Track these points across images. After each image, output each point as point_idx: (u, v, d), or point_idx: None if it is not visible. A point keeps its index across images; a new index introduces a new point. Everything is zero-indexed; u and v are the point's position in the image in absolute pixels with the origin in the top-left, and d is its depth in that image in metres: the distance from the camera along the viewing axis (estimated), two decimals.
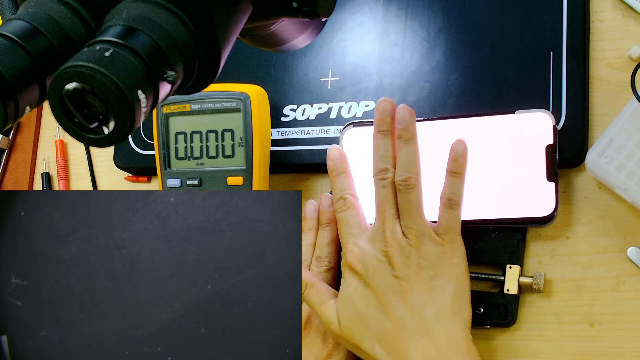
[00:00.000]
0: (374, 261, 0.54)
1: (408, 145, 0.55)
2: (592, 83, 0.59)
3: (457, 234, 0.54)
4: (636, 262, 0.56)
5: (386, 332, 0.52)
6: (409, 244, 0.53)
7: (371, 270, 0.54)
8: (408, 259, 0.53)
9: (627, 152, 0.54)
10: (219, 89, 0.63)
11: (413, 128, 0.55)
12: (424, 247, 0.53)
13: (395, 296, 0.53)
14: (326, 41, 0.66)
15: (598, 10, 0.60)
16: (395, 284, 0.53)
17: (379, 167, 0.55)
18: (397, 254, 0.53)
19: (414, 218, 0.54)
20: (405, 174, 0.54)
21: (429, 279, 0.53)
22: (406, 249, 0.53)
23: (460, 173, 0.54)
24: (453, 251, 0.54)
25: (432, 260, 0.53)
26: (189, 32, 0.37)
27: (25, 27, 0.37)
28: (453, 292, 0.53)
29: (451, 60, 0.62)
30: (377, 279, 0.53)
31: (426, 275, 0.53)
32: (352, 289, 0.54)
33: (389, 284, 0.53)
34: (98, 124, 0.33)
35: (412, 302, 0.52)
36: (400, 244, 0.54)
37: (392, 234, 0.54)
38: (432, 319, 0.52)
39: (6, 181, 0.76)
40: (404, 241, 0.54)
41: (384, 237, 0.54)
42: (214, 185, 0.63)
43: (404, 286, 0.53)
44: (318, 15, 0.43)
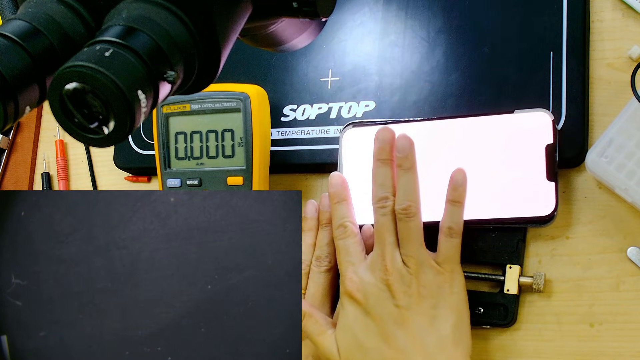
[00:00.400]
0: (374, 290, 0.54)
1: (408, 173, 0.55)
2: (592, 83, 0.59)
3: (457, 263, 0.54)
4: (636, 262, 0.56)
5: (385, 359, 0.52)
6: (409, 272, 0.53)
7: (371, 299, 0.54)
8: (409, 288, 0.53)
9: (627, 152, 0.54)
10: (219, 89, 0.63)
11: (413, 157, 0.55)
12: (425, 275, 0.53)
13: (396, 325, 0.53)
14: (326, 41, 0.66)
15: (598, 10, 0.60)
16: (396, 312, 0.53)
17: (379, 195, 0.55)
18: (398, 283, 0.53)
19: (414, 246, 0.54)
20: (406, 202, 0.54)
21: (430, 308, 0.53)
22: (407, 278, 0.53)
23: (460, 202, 0.54)
24: (453, 280, 0.54)
25: (432, 289, 0.53)
26: (189, 32, 0.37)
27: (25, 27, 0.37)
28: (454, 322, 0.53)
29: (451, 60, 0.62)
30: (378, 308, 0.53)
31: (427, 304, 0.53)
32: (352, 318, 0.54)
33: (389, 313, 0.53)
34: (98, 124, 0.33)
35: (413, 332, 0.52)
36: (400, 272, 0.53)
37: (392, 262, 0.54)
38: (434, 349, 0.52)
39: (6, 181, 0.76)
40: (404, 270, 0.53)
41: (384, 265, 0.54)
42: (214, 185, 0.63)
43: (405, 315, 0.53)
44: (318, 15, 0.43)
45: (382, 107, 0.63)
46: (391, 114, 0.63)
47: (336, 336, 0.55)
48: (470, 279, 0.59)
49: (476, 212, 0.57)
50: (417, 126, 0.60)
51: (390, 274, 0.53)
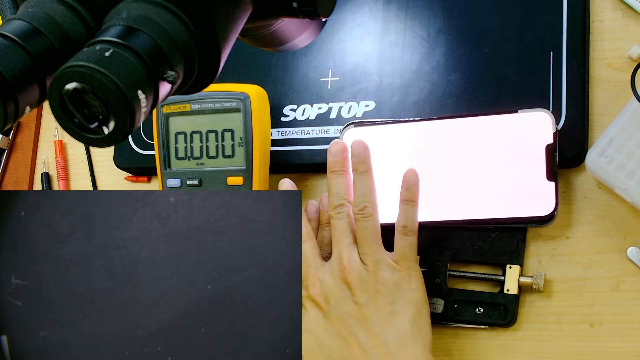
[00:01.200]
0: (334, 291, 0.55)
1: (364, 176, 0.57)
2: (592, 83, 0.59)
3: (413, 260, 0.56)
4: (636, 262, 0.56)
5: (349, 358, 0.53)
6: (367, 270, 0.55)
7: (332, 299, 0.55)
8: (367, 285, 0.54)
9: (627, 152, 0.54)
10: (219, 89, 0.63)
11: (368, 161, 0.57)
12: (382, 273, 0.54)
13: (356, 323, 0.54)
14: (326, 41, 0.66)
15: (598, 10, 0.60)
16: (355, 310, 0.54)
17: (334, 203, 0.57)
18: (356, 280, 0.54)
19: (371, 245, 0.55)
20: (362, 203, 0.56)
21: (388, 304, 0.54)
22: (364, 275, 0.55)
23: (414, 201, 0.56)
24: (410, 277, 0.55)
25: (389, 286, 0.54)
26: (189, 32, 0.37)
27: (25, 27, 0.37)
28: (412, 316, 0.54)
29: (451, 60, 0.62)
30: (338, 308, 0.55)
31: (385, 300, 0.54)
32: (314, 321, 0.55)
33: (349, 312, 0.54)
34: (98, 124, 0.33)
35: (373, 329, 0.53)
36: (358, 270, 0.55)
37: (349, 261, 0.55)
38: (394, 344, 0.53)
39: (6, 181, 0.76)
40: (362, 267, 0.55)
41: (341, 265, 0.55)
42: (214, 185, 0.63)
43: (364, 312, 0.54)
44: (318, 15, 0.43)
45: (382, 107, 0.63)
46: (391, 114, 0.63)
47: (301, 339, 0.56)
48: (470, 279, 0.59)
49: (476, 212, 0.57)
50: (417, 126, 0.60)
51: (349, 272, 0.55)
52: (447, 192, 0.58)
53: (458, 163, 0.58)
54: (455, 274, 0.59)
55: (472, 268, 0.59)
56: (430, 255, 0.59)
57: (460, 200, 0.57)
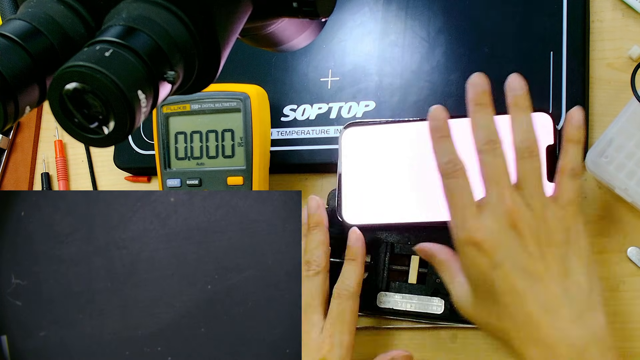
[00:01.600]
0: (503, 238, 0.48)
1: (526, 113, 0.51)
2: (592, 83, 0.59)
3: (580, 208, 0.50)
4: (636, 262, 0.56)
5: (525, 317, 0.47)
6: (536, 217, 0.48)
7: (502, 250, 0.47)
8: (538, 233, 0.48)
9: (627, 152, 0.54)
10: (219, 89, 0.63)
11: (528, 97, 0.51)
12: (551, 221, 0.48)
13: (533, 280, 0.47)
14: (326, 41, 0.66)
15: (598, 10, 0.60)
16: (530, 264, 0.47)
17: (486, 137, 0.50)
18: (527, 227, 0.48)
19: (537, 188, 0.49)
20: (527, 140, 0.50)
21: (562, 258, 0.48)
22: (533, 223, 0.48)
23: (582, 142, 0.51)
24: (577, 227, 0.49)
25: (560, 238, 0.48)
26: (189, 32, 0.37)
27: (25, 27, 0.37)
28: (587, 270, 0.48)
29: (451, 60, 0.62)
30: (510, 260, 0.47)
31: (558, 253, 0.48)
32: (483, 269, 0.48)
33: (523, 265, 0.47)
34: (98, 124, 0.33)
35: (553, 288, 0.47)
36: (527, 215, 0.48)
37: (515, 205, 0.48)
38: (577, 306, 0.47)
39: (6, 181, 0.76)
40: (530, 212, 0.48)
41: (506, 207, 0.48)
42: (214, 185, 0.63)
43: (539, 267, 0.47)
44: (318, 15, 0.43)
45: (382, 107, 0.63)
46: (391, 114, 0.63)
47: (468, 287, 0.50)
48: None
49: None
50: (417, 126, 0.60)
51: (518, 217, 0.48)
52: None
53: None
54: None
55: None
56: None
57: None
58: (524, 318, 0.47)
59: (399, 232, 0.60)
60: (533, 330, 0.47)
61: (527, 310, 0.47)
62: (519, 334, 0.47)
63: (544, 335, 0.46)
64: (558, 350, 0.46)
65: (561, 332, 0.46)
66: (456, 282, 0.52)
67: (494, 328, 0.49)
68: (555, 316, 0.46)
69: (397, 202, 0.59)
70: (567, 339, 0.46)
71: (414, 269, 0.60)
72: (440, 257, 0.54)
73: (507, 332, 0.48)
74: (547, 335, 0.46)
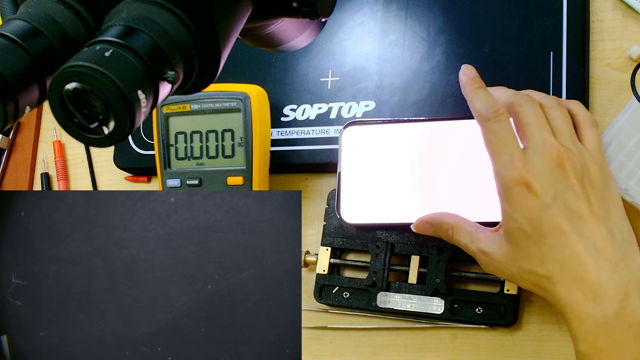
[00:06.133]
0: (550, 178, 0.48)
1: None
2: (592, 83, 0.59)
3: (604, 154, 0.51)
4: None
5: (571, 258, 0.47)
6: (578, 158, 0.49)
7: (551, 189, 0.47)
8: (582, 175, 0.48)
9: (627, 152, 0.54)
10: (219, 89, 0.63)
11: None
12: (590, 164, 0.49)
13: (582, 221, 0.47)
14: (326, 41, 0.66)
15: (598, 10, 0.60)
16: (579, 205, 0.47)
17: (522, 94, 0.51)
18: (571, 170, 0.48)
19: (573, 135, 0.50)
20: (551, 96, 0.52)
21: (603, 200, 0.48)
22: (578, 165, 0.48)
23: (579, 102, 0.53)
24: (609, 171, 0.50)
25: (599, 180, 0.49)
26: (189, 32, 0.37)
27: (25, 27, 0.37)
28: (624, 214, 0.49)
29: (451, 60, 0.62)
30: (562, 200, 0.47)
31: (600, 196, 0.48)
32: (531, 209, 0.48)
33: (573, 206, 0.47)
34: (98, 124, 0.33)
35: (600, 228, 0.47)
36: (571, 157, 0.48)
37: (561, 147, 0.48)
38: (624, 246, 0.47)
39: (6, 181, 0.76)
40: (573, 155, 0.48)
41: (552, 150, 0.48)
42: (214, 185, 0.63)
43: (585, 207, 0.47)
44: (318, 15, 0.43)
45: (382, 107, 0.63)
46: (391, 114, 0.63)
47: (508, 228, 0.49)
48: (470, 279, 0.59)
49: (477, 214, 0.57)
50: (417, 126, 0.60)
51: (564, 158, 0.48)
52: (447, 192, 0.58)
53: (458, 164, 0.58)
54: (455, 274, 0.59)
55: (472, 268, 0.59)
56: (430, 255, 0.59)
57: (461, 200, 0.57)
58: (571, 259, 0.47)
59: (399, 232, 0.60)
60: (579, 271, 0.46)
61: (573, 250, 0.47)
62: (564, 276, 0.47)
63: (591, 275, 0.46)
64: (604, 290, 0.46)
65: (608, 273, 0.46)
66: (482, 237, 0.51)
67: (534, 275, 0.48)
68: (602, 256, 0.46)
69: (397, 202, 0.59)
70: (613, 279, 0.46)
71: (414, 269, 0.60)
72: (451, 221, 0.53)
73: (549, 277, 0.47)
74: (595, 275, 0.46)
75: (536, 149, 0.48)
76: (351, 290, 0.61)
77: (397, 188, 0.59)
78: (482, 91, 0.51)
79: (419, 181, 0.59)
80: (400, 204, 0.59)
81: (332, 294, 0.62)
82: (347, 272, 0.64)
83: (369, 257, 0.61)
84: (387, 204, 0.59)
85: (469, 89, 0.51)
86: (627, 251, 0.47)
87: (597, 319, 0.46)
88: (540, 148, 0.48)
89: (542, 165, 0.48)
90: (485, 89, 0.51)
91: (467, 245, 0.52)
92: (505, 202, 0.49)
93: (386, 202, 0.59)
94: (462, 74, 0.52)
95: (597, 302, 0.46)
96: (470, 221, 0.53)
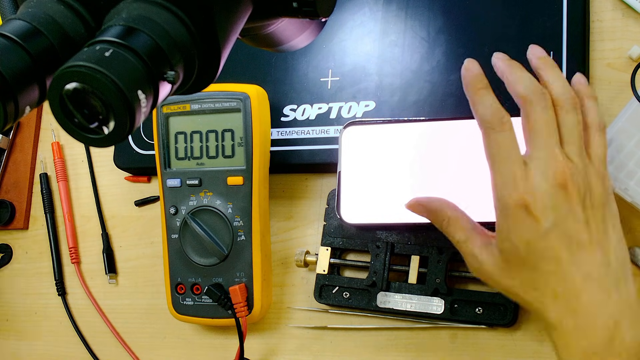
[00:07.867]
0: (553, 201, 0.45)
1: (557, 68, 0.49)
2: (592, 83, 0.59)
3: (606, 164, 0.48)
4: (636, 262, 0.56)
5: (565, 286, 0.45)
6: (582, 176, 0.45)
7: (551, 214, 0.45)
8: (584, 196, 0.45)
9: (627, 152, 0.54)
10: (219, 89, 0.63)
11: None
12: (592, 180, 0.46)
13: (579, 247, 0.45)
14: (326, 41, 0.66)
15: (598, 10, 0.60)
16: (578, 230, 0.45)
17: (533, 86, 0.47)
18: (575, 191, 0.45)
19: (581, 146, 0.47)
20: (569, 92, 0.47)
21: (602, 221, 0.46)
22: (581, 184, 0.45)
23: (596, 97, 0.49)
24: (610, 185, 0.47)
25: (600, 199, 0.46)
26: (189, 32, 0.37)
27: (25, 27, 0.37)
28: (620, 236, 0.47)
29: (451, 60, 0.62)
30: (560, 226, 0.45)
31: (600, 215, 0.46)
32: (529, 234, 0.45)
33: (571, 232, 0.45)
34: (98, 124, 0.33)
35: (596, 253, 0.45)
36: (574, 177, 0.45)
37: (566, 164, 0.45)
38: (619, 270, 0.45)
39: (6, 181, 0.76)
40: (577, 173, 0.45)
41: (557, 168, 0.45)
42: (214, 185, 0.63)
43: (584, 234, 0.45)
44: (318, 15, 0.43)
45: (382, 107, 0.63)
46: (391, 114, 0.63)
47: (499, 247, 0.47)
48: (470, 279, 0.59)
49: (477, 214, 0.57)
50: (417, 126, 0.60)
51: (567, 178, 0.45)
52: (447, 192, 0.58)
53: (458, 164, 0.58)
54: (455, 274, 0.59)
55: None
56: (430, 255, 0.59)
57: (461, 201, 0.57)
58: (565, 289, 0.45)
59: (399, 232, 0.60)
60: (572, 300, 0.45)
61: (568, 280, 0.45)
62: (556, 305, 0.45)
63: (584, 305, 0.44)
64: (596, 321, 0.44)
65: (601, 303, 0.44)
66: (477, 240, 0.49)
67: (525, 296, 0.47)
68: (597, 286, 0.44)
69: (397, 202, 0.59)
70: (606, 309, 0.44)
71: (414, 269, 0.60)
72: (450, 213, 0.50)
73: (541, 301, 0.46)
74: (587, 305, 0.44)
75: (539, 163, 0.45)
76: (351, 290, 0.61)
77: (397, 188, 0.59)
78: (486, 93, 0.47)
79: (418, 181, 0.59)
80: (400, 204, 0.59)
81: (332, 294, 0.62)
82: (347, 272, 0.64)
83: (369, 257, 0.61)
84: (387, 204, 0.59)
85: (472, 89, 0.48)
86: (621, 277, 0.46)
87: (586, 350, 0.44)
88: (544, 162, 0.45)
89: (544, 185, 0.45)
90: (490, 91, 0.48)
91: (460, 244, 0.50)
92: (502, 219, 0.47)
93: (386, 202, 0.59)
94: (464, 70, 0.48)
95: (588, 333, 0.44)
96: (469, 218, 0.51)
